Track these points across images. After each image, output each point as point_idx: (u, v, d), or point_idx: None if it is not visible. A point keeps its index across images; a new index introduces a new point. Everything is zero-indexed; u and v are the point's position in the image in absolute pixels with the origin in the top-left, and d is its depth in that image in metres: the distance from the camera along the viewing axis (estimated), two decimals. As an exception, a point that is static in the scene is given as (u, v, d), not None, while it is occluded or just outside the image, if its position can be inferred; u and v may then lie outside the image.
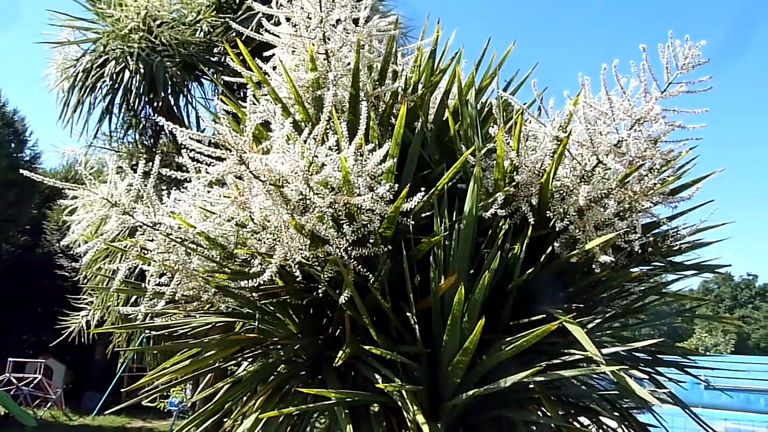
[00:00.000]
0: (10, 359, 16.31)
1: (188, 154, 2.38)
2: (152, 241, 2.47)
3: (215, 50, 5.66)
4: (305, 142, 2.00)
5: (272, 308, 2.64)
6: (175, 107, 5.59)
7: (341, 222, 2.15)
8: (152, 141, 5.59)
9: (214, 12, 5.56)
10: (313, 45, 2.55)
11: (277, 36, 2.81)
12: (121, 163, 3.09)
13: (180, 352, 2.73)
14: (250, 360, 2.83)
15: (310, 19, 2.68)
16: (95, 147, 5.94)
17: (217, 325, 2.96)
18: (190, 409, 6.96)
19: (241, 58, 3.02)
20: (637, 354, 2.63)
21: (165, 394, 7.43)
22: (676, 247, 2.74)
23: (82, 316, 6.70)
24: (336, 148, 2.19)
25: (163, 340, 5.74)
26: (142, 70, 4.93)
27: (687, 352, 2.73)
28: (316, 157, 2.03)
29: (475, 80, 3.01)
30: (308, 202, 2.10)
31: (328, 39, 2.63)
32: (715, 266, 2.77)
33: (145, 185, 2.41)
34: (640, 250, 2.31)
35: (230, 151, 1.87)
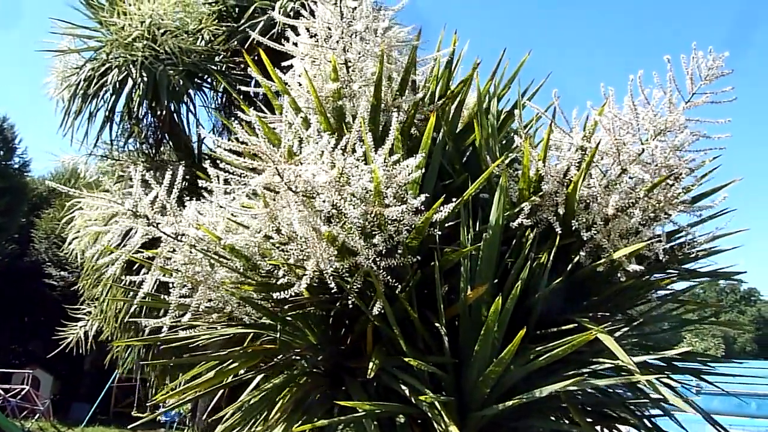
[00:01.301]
0: (-3, 370, 16.04)
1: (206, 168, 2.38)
2: (174, 252, 2.45)
3: (216, 58, 5.64)
4: (333, 152, 1.99)
5: (293, 319, 2.63)
6: (175, 115, 5.56)
7: (372, 233, 2.14)
8: (153, 149, 5.56)
9: (216, 20, 5.55)
10: (336, 55, 2.55)
11: (295, 45, 2.81)
12: (123, 171, 3.06)
13: (199, 365, 2.70)
14: (267, 372, 2.81)
15: (330, 29, 2.68)
16: (95, 155, 5.90)
17: (232, 337, 2.95)
18: (190, 421, 6.88)
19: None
20: (653, 360, 2.65)
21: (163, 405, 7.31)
22: (693, 255, 2.77)
23: (80, 327, 6.61)
24: (363, 158, 2.19)
25: (171, 352, 5.68)
26: (145, 79, 4.90)
27: (704, 358, 2.75)
28: (347, 168, 2.03)
29: (490, 89, 3.03)
30: (340, 213, 2.10)
31: (349, 50, 2.63)
32: (731, 273, 2.79)
33: (169, 196, 2.39)
34: (664, 258, 2.32)
35: (265, 162, 1.86)
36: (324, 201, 2.00)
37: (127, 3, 4.93)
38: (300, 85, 2.72)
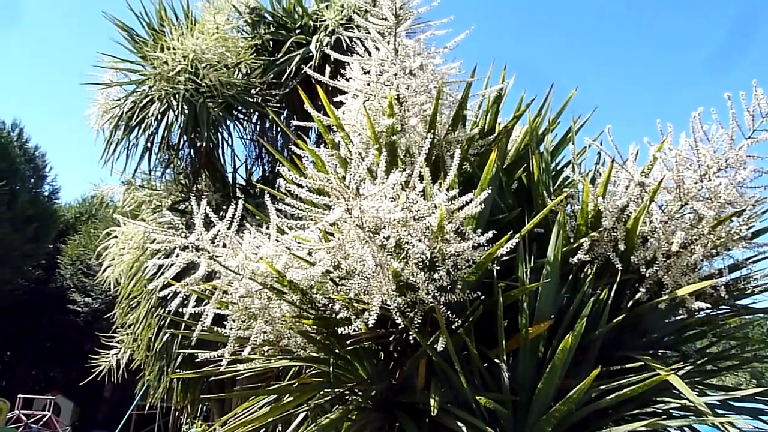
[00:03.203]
0: (19, 396, 16.13)
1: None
2: (231, 284, 2.46)
3: (253, 91, 5.75)
4: (402, 189, 2.02)
5: (346, 353, 2.62)
6: (212, 145, 5.66)
7: (433, 267, 2.15)
8: (190, 179, 5.64)
9: (253, 54, 5.68)
10: (390, 91, 2.59)
11: (347, 81, 2.86)
12: (160, 201, 3.10)
13: (251, 398, 2.70)
14: (319, 407, 2.80)
15: (383, 65, 2.73)
16: (133, 185, 6.00)
17: (282, 371, 2.94)
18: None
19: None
20: (713, 401, 2.59)
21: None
22: (749, 290, 2.73)
23: (112, 355, 6.65)
24: (422, 194, 2.21)
25: (204, 383, 5.69)
26: (186, 111, 5.01)
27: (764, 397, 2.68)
28: (413, 203, 2.05)
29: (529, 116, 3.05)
30: (401, 248, 2.11)
31: (402, 85, 2.68)
32: (789, 310, 2.74)
33: (228, 230, 2.42)
34: (726, 295, 2.29)
35: (335, 198, 1.89)
36: (389, 237, 2.01)
37: (170, 38, 5.08)
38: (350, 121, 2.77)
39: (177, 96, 4.96)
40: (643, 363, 2.11)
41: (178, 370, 5.58)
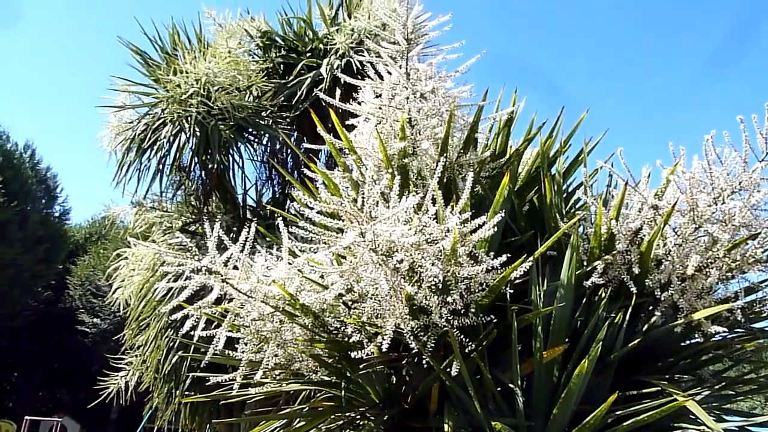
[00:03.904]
0: (26, 417, 16.09)
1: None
2: (242, 307, 2.46)
3: (263, 113, 5.81)
4: (416, 213, 2.02)
5: (358, 377, 2.60)
6: (223, 167, 5.70)
7: (446, 291, 2.14)
8: (201, 201, 5.68)
9: (265, 77, 5.75)
10: (403, 115, 2.61)
11: (359, 104, 2.89)
12: (171, 222, 3.10)
13: (261, 423, 2.68)
14: (327, 430, 2.77)
15: (395, 89, 2.76)
16: (144, 206, 6.05)
17: (293, 394, 2.92)
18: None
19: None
20: (732, 427, 2.55)
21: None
22: (765, 314, 2.69)
23: (121, 377, 6.63)
24: (434, 217, 2.22)
25: (213, 407, 5.65)
26: (197, 133, 5.06)
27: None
28: (426, 227, 2.05)
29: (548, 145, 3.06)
30: (414, 272, 2.11)
31: (413, 109, 2.70)
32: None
33: (241, 254, 2.42)
34: (742, 319, 2.27)
35: (349, 221, 1.89)
36: (402, 260, 2.01)
37: (183, 61, 5.16)
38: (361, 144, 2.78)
39: (189, 118, 5.01)
40: (659, 388, 2.08)
41: (187, 393, 5.55)
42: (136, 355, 6.20)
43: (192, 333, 2.52)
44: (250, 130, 5.88)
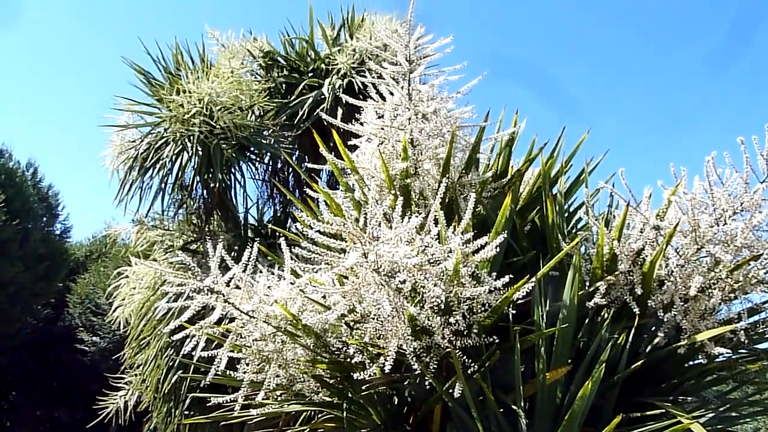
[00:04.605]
0: (24, 437, 15.90)
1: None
2: (244, 327, 2.46)
3: (265, 132, 5.84)
4: (418, 234, 2.03)
5: (359, 398, 2.59)
6: (224, 185, 5.72)
7: (452, 311, 2.14)
8: (203, 220, 5.68)
9: (267, 97, 5.79)
10: (405, 135, 2.63)
11: (362, 125, 2.91)
12: (172, 241, 3.08)
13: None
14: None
15: (397, 110, 2.78)
16: (146, 225, 6.05)
17: (294, 415, 2.90)
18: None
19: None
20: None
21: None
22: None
23: (120, 396, 6.58)
24: (437, 237, 2.22)
25: (213, 427, 5.59)
26: (200, 152, 5.08)
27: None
28: (428, 247, 2.05)
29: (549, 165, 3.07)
30: (416, 293, 2.11)
31: (415, 129, 2.72)
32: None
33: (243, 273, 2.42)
34: (746, 340, 2.26)
35: (351, 242, 1.89)
36: (405, 281, 2.01)
37: (186, 81, 5.20)
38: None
39: (192, 138, 5.04)
40: (663, 410, 2.07)
41: (187, 413, 5.50)
42: (136, 375, 6.15)
43: (192, 353, 2.51)
44: (252, 149, 5.89)
